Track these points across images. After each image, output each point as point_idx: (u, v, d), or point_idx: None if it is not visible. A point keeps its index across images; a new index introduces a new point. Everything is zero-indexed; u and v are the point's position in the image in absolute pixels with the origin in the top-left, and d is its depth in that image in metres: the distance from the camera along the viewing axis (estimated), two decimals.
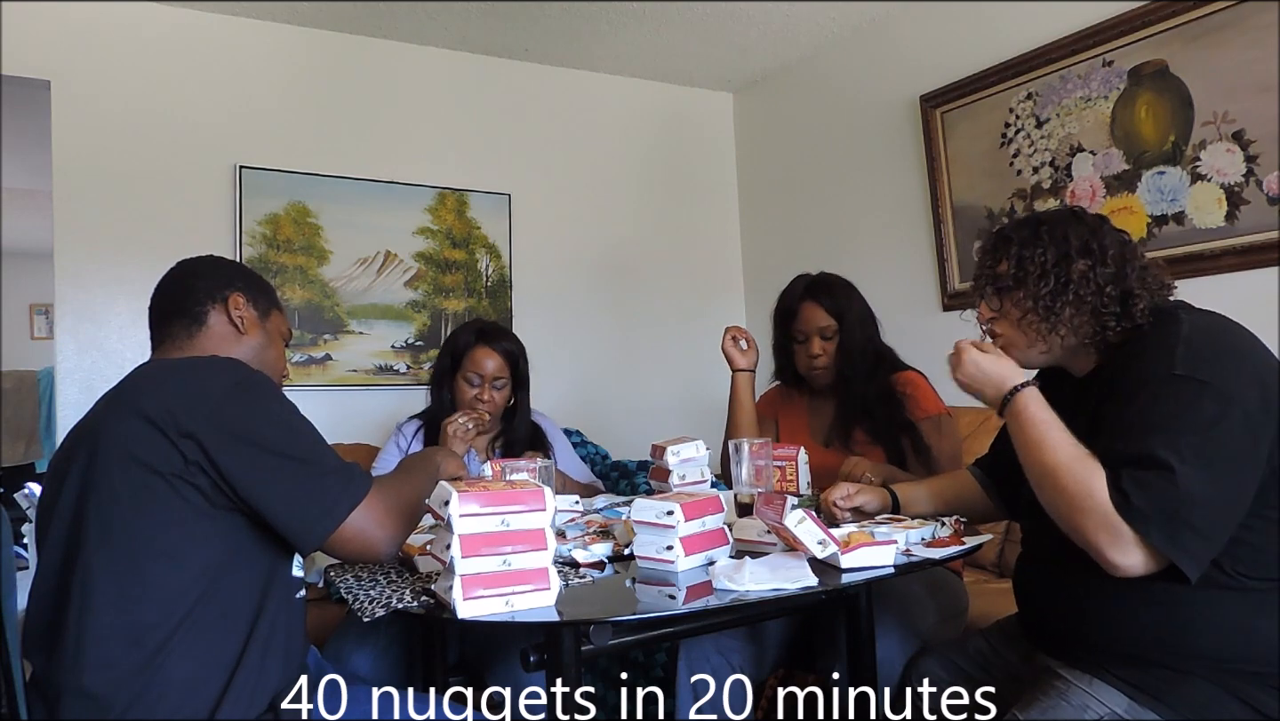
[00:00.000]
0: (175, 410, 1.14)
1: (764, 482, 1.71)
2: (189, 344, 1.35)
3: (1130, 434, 1.15)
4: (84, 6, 2.94)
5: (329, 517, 1.17)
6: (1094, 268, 1.29)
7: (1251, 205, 2.33)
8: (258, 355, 1.39)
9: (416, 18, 3.24)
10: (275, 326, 1.45)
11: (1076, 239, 1.31)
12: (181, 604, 1.15)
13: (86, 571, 1.15)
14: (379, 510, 1.20)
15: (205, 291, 1.37)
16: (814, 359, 2.10)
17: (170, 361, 1.30)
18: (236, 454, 1.14)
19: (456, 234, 3.49)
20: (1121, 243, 1.33)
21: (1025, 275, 1.32)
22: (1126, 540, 1.12)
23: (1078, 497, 1.15)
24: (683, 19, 3.33)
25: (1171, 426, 1.13)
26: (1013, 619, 1.53)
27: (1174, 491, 1.09)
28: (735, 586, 1.26)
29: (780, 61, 3.79)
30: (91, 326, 2.91)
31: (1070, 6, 2.72)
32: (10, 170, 4.71)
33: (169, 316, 1.37)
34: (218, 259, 1.47)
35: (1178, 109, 2.48)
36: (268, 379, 1.26)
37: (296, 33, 3.26)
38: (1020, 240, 1.35)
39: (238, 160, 3.12)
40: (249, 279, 1.44)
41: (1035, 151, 2.86)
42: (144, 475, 1.14)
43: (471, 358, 2.21)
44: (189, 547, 1.16)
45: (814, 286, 2.15)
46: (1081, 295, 1.29)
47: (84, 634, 1.14)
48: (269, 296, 1.46)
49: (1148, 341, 1.25)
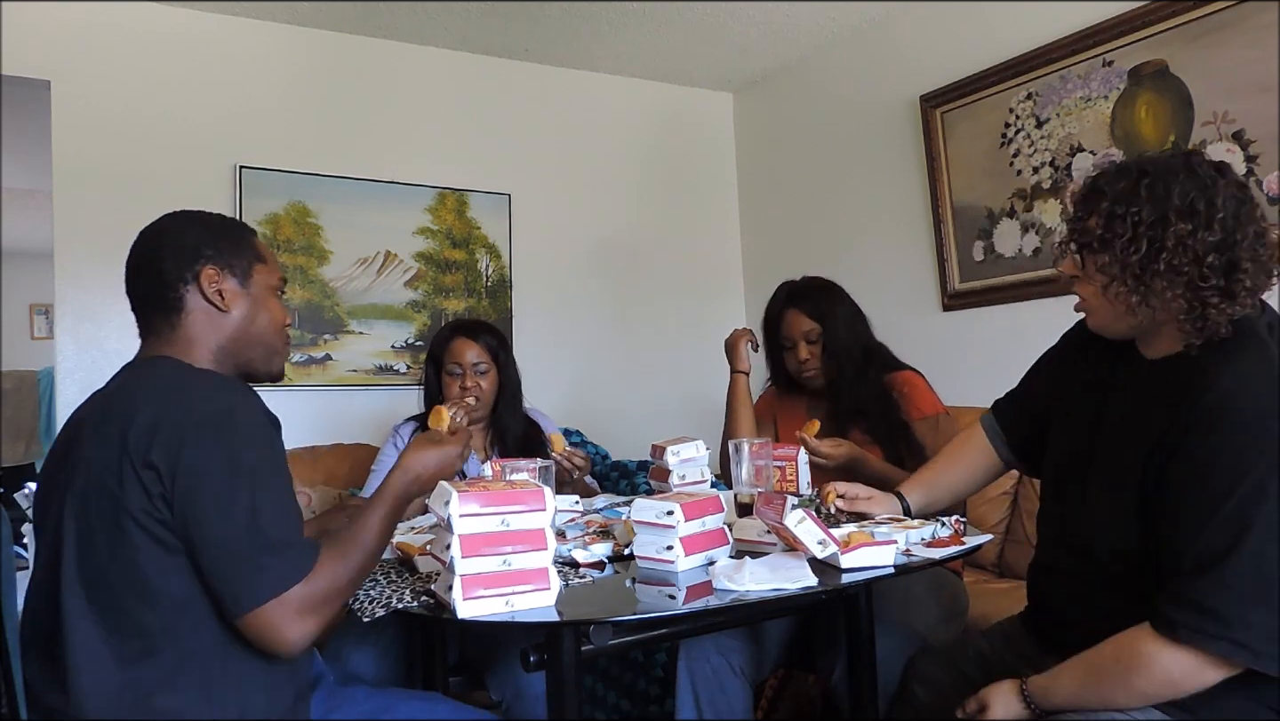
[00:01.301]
0: (147, 438, 1.11)
1: (764, 482, 1.70)
2: (174, 335, 1.27)
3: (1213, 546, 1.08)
4: (84, 6, 2.93)
5: (239, 602, 1.10)
6: (1195, 232, 1.12)
7: None
8: (246, 329, 1.31)
9: (416, 18, 3.24)
10: (262, 283, 1.33)
11: (1181, 197, 1.14)
12: (163, 639, 1.13)
13: (67, 601, 1.14)
14: (299, 604, 1.10)
15: (174, 273, 1.27)
16: (802, 364, 2.11)
17: (166, 372, 1.24)
18: (186, 492, 1.10)
19: (456, 234, 3.49)
20: (1239, 201, 1.15)
21: (1113, 236, 1.17)
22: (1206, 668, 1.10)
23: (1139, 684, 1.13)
24: (683, 19, 3.33)
25: (1275, 534, 1.05)
26: (1014, 620, 1.52)
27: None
28: (735, 586, 1.25)
29: (780, 61, 3.79)
30: (91, 326, 2.91)
31: (1070, 6, 2.72)
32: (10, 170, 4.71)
33: (146, 308, 1.29)
34: (180, 224, 1.33)
35: (1178, 109, 2.48)
36: (251, 414, 1.17)
37: (296, 33, 3.26)
38: (1115, 194, 1.18)
39: (238, 160, 3.12)
40: (219, 241, 1.31)
41: (1035, 151, 2.86)
42: (114, 510, 1.11)
43: (450, 351, 2.23)
44: (163, 586, 1.12)
45: (794, 293, 2.15)
46: (1177, 265, 1.13)
47: (68, 660, 1.12)
48: (245, 251, 1.33)
49: (1237, 387, 1.10)
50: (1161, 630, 1.11)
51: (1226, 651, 1.07)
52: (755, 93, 4.07)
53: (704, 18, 3.32)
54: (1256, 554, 1.05)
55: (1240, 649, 1.06)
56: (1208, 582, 1.07)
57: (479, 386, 2.21)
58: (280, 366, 1.39)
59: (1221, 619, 1.06)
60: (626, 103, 3.91)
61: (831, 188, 3.66)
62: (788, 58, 3.75)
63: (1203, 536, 1.08)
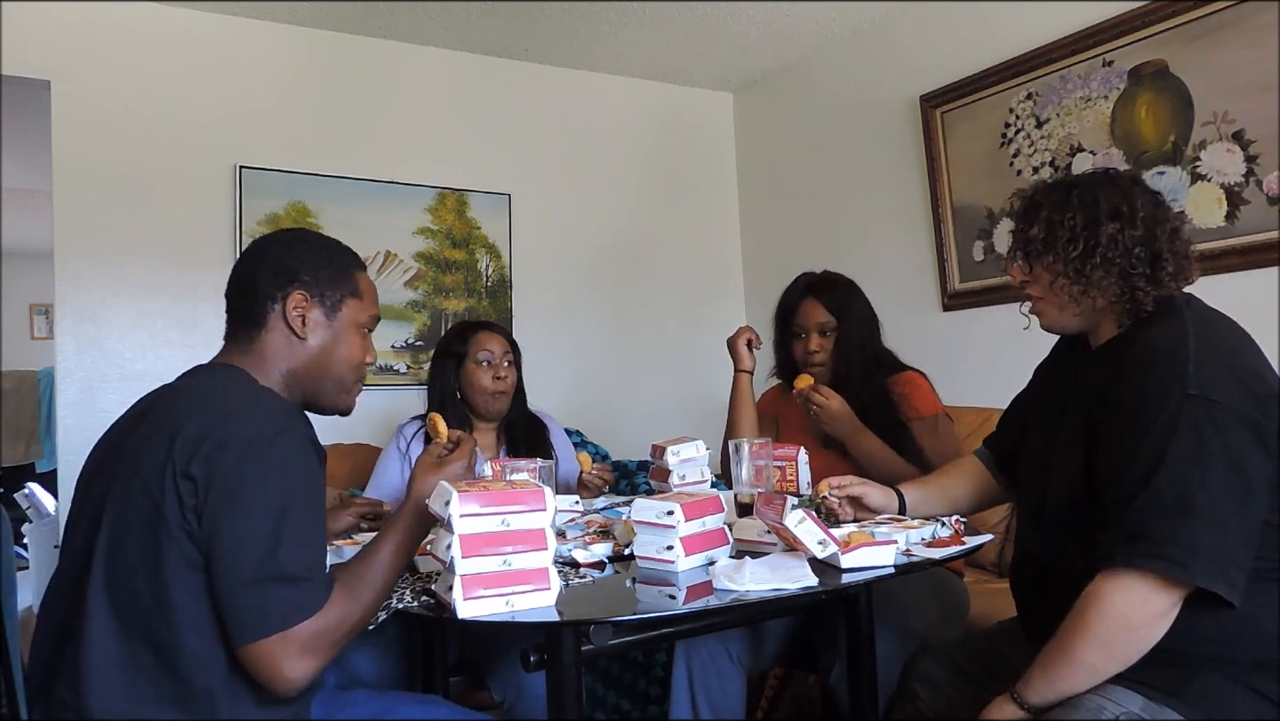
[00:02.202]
0: (191, 449, 1.10)
1: (764, 482, 1.71)
2: (249, 349, 1.28)
3: (1148, 475, 1.16)
4: (84, 6, 2.93)
5: (244, 631, 1.08)
6: (1123, 230, 1.30)
7: (1251, 205, 2.33)
8: (319, 360, 1.30)
9: (416, 18, 3.24)
10: (349, 318, 1.33)
11: (1107, 202, 1.32)
12: (186, 648, 1.11)
13: (92, 594, 1.13)
14: (303, 642, 1.08)
15: (265, 291, 1.27)
16: (811, 354, 2.10)
17: (218, 386, 1.24)
18: (214, 509, 1.09)
19: (456, 234, 3.49)
20: (1154, 204, 1.34)
21: (1054, 240, 1.34)
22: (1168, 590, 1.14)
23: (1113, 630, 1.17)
24: (683, 19, 3.33)
25: (1188, 458, 1.14)
26: (1014, 619, 1.53)
27: (1202, 529, 1.12)
28: (735, 586, 1.25)
29: (780, 61, 3.79)
30: (91, 326, 2.91)
31: (1070, 6, 2.72)
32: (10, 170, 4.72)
33: (235, 314, 1.30)
34: (291, 242, 1.34)
35: (1178, 109, 2.48)
36: (295, 441, 1.16)
37: (296, 33, 3.26)
38: (1050, 204, 1.36)
39: (238, 160, 3.12)
40: (318, 268, 1.30)
41: (1035, 151, 2.86)
42: (152, 513, 1.11)
43: (477, 342, 2.26)
44: (181, 598, 1.11)
45: (816, 283, 2.17)
46: (1110, 258, 1.30)
47: (84, 658, 1.12)
48: (342, 284, 1.32)
49: (1156, 343, 1.24)
50: (1103, 565, 1.17)
51: (1163, 568, 1.12)
52: (755, 93, 4.07)
53: (704, 18, 3.32)
54: (1174, 476, 1.14)
55: (1172, 564, 1.12)
56: (1134, 510, 1.16)
57: (510, 377, 2.26)
58: (348, 404, 1.37)
59: (1150, 538, 1.13)
60: (626, 103, 3.91)
61: (831, 188, 3.66)
62: (788, 58, 3.75)
63: (1128, 469, 1.18)
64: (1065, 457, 1.35)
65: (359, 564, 1.20)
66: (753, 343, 2.23)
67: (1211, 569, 1.11)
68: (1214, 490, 1.12)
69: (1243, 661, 1.18)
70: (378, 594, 1.19)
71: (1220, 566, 1.11)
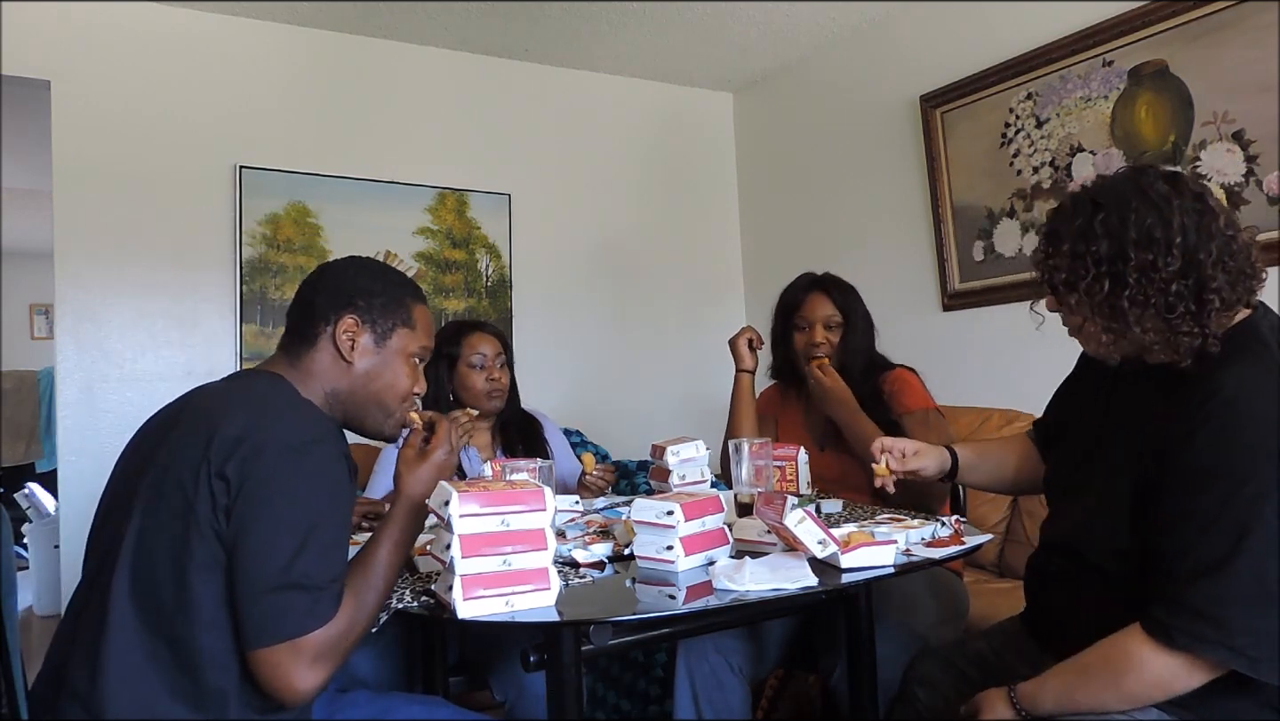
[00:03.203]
0: (228, 450, 1.11)
1: (764, 482, 1.71)
2: (297, 363, 1.31)
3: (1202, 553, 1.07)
4: (84, 6, 2.93)
5: (257, 636, 1.08)
6: (1155, 262, 1.12)
7: (1251, 205, 2.33)
8: (365, 384, 1.32)
9: (416, 18, 3.24)
10: (398, 347, 1.35)
11: (1136, 227, 1.13)
12: (202, 647, 1.12)
13: (116, 583, 1.13)
14: (314, 651, 1.09)
15: (320, 311, 1.31)
16: (815, 347, 2.10)
17: (260, 391, 1.25)
18: (242, 511, 1.10)
19: (456, 234, 3.49)
20: (1198, 214, 1.14)
21: (1078, 278, 1.17)
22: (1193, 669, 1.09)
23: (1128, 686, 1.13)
24: (683, 19, 3.33)
25: (1276, 540, 1.04)
26: (1014, 620, 1.52)
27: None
28: (735, 586, 1.25)
29: (780, 61, 3.79)
30: (91, 326, 2.91)
31: (1070, 6, 2.72)
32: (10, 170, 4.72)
33: (292, 328, 1.34)
34: (353, 267, 1.38)
35: (1178, 109, 2.48)
36: (330, 452, 1.17)
37: (296, 33, 3.26)
38: (1073, 234, 1.19)
39: (238, 160, 3.12)
40: (373, 295, 1.33)
41: (1035, 151, 2.86)
42: (183, 509, 1.11)
43: (469, 344, 2.25)
44: (203, 596, 1.11)
45: (823, 280, 2.18)
46: (1143, 299, 1.13)
47: (105, 647, 1.12)
48: (395, 314, 1.35)
49: (1240, 397, 1.09)
50: (1155, 634, 1.10)
51: (1224, 658, 1.07)
52: (755, 93, 4.07)
53: (704, 18, 3.32)
54: (1256, 561, 1.04)
55: (1238, 655, 1.06)
56: (1206, 587, 1.06)
57: (503, 379, 2.25)
58: (391, 431, 1.39)
59: (1220, 625, 1.06)
60: (626, 103, 3.91)
61: (831, 188, 3.66)
62: (788, 58, 3.75)
63: (1202, 541, 1.07)
64: (1110, 493, 1.24)
65: (359, 567, 1.21)
66: (754, 342, 2.23)
67: (1277, 660, 1.05)
68: None
69: (1271, 686, 1.12)
70: (380, 595, 1.19)
71: None
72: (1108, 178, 1.23)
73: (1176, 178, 1.18)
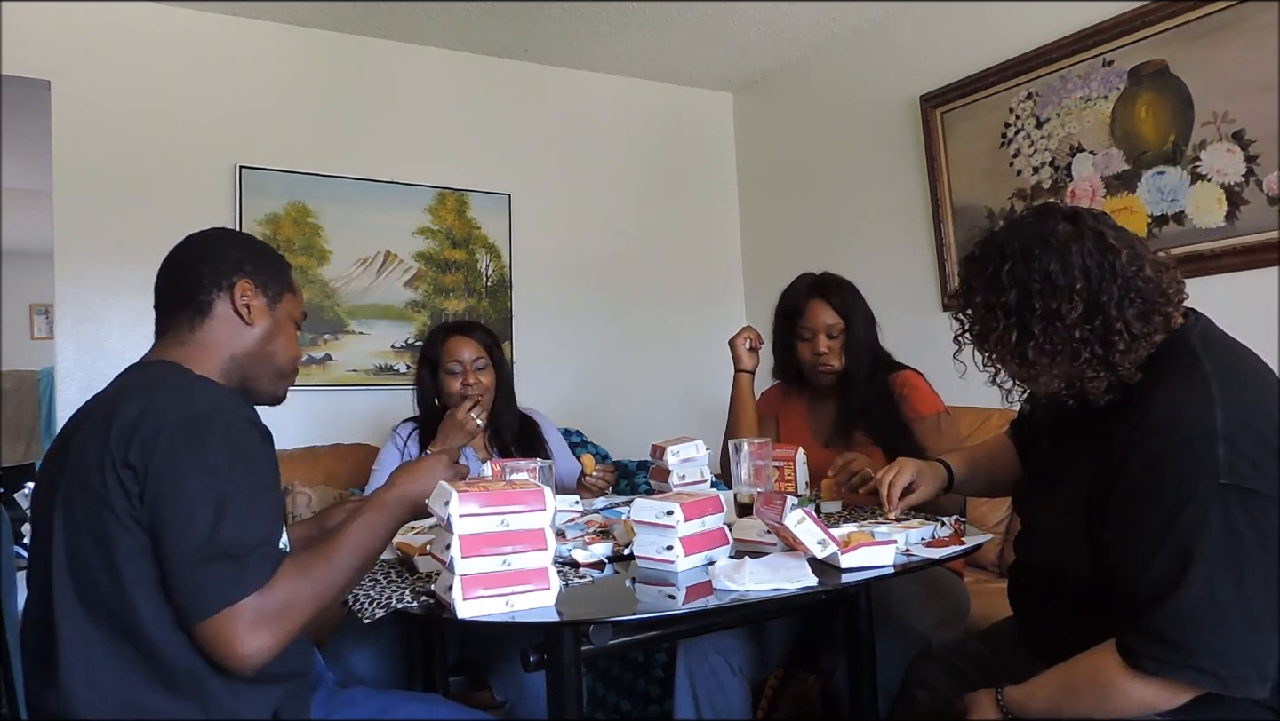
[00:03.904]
0: (126, 437, 1.11)
1: (763, 482, 1.71)
2: (191, 337, 1.30)
3: (1159, 577, 1.08)
4: (84, 6, 2.93)
5: (191, 611, 1.07)
6: (1058, 309, 1.14)
7: (1251, 205, 2.33)
8: (263, 345, 1.33)
9: (416, 18, 3.24)
10: (286, 311, 1.38)
11: (1039, 275, 1.15)
12: (156, 634, 1.11)
13: (58, 594, 1.13)
14: (253, 616, 1.07)
15: (211, 279, 1.30)
16: (820, 356, 2.10)
17: (161, 373, 1.25)
18: (155, 494, 1.10)
19: (456, 234, 3.49)
20: (1100, 252, 1.15)
21: (989, 331, 1.21)
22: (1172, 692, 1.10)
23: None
24: (683, 19, 3.33)
25: (1222, 558, 1.05)
26: (1011, 620, 1.52)
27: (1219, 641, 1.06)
28: (735, 586, 1.26)
29: (780, 61, 3.79)
30: (91, 326, 2.91)
31: (1070, 6, 2.72)
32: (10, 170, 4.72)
33: (174, 305, 1.32)
34: (227, 237, 1.39)
35: (1178, 109, 2.48)
36: (230, 425, 1.16)
37: (296, 33, 3.26)
38: (984, 286, 1.21)
39: (238, 160, 3.12)
40: (259, 260, 1.36)
41: (1035, 151, 2.86)
42: (97, 506, 1.11)
43: (445, 350, 2.25)
44: (148, 580, 1.11)
45: (821, 284, 2.16)
46: (1049, 348, 1.16)
47: (60, 657, 1.12)
48: (280, 279, 1.38)
49: (1176, 415, 1.10)
50: (1128, 659, 1.11)
51: (1193, 680, 1.08)
52: (755, 93, 4.07)
53: (704, 18, 3.32)
54: (1205, 580, 1.05)
55: (1205, 675, 1.07)
56: (1163, 613, 1.08)
57: (480, 383, 2.23)
58: (283, 392, 1.40)
59: (1182, 649, 1.07)
60: (626, 103, 3.91)
61: (831, 188, 3.66)
62: (788, 58, 3.75)
63: (1152, 566, 1.09)
64: (1066, 518, 1.26)
65: (319, 540, 1.21)
66: (753, 343, 2.23)
67: (1247, 675, 1.06)
68: (1249, 588, 1.05)
69: None
70: (336, 569, 1.16)
71: (1256, 667, 1.06)
72: (1015, 221, 1.25)
73: (1077, 217, 1.19)
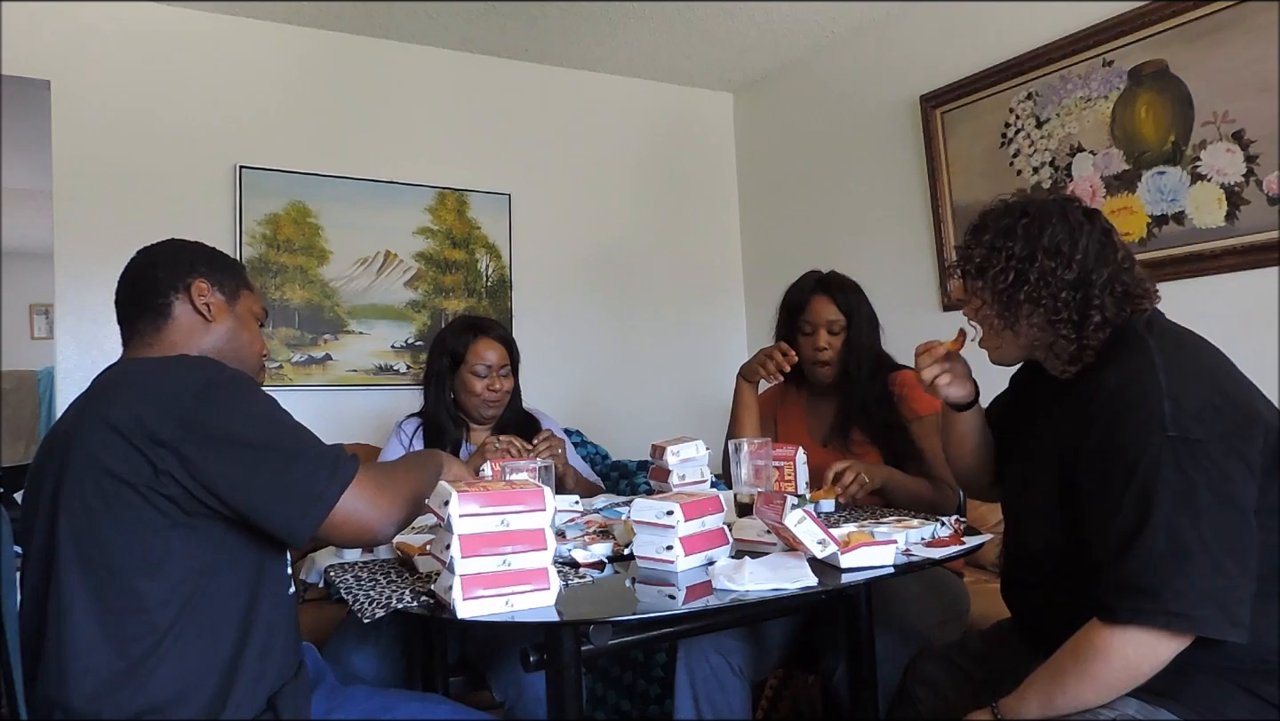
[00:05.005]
0: (145, 418, 1.11)
1: (763, 482, 1.71)
2: (157, 339, 1.31)
3: (1130, 532, 1.13)
4: (84, 6, 2.94)
5: (319, 503, 1.14)
6: (1056, 270, 1.27)
7: (1251, 205, 2.33)
8: (229, 341, 1.36)
9: (417, 18, 3.24)
10: (246, 308, 1.41)
11: (1050, 237, 1.29)
12: (164, 614, 1.13)
13: (64, 585, 1.13)
14: (370, 489, 1.18)
15: (166, 282, 1.33)
16: (819, 351, 2.10)
17: (139, 364, 1.26)
18: (215, 455, 1.12)
19: (456, 234, 3.49)
20: (1101, 244, 1.29)
21: (989, 266, 1.32)
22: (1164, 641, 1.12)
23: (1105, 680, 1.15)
24: (683, 19, 3.33)
25: (1177, 503, 1.11)
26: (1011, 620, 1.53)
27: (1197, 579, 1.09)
28: (735, 586, 1.25)
29: (780, 61, 3.79)
30: (91, 326, 2.91)
31: (1070, 6, 2.72)
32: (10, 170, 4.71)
33: (134, 313, 1.33)
34: (177, 244, 1.41)
35: (1178, 109, 2.48)
36: (239, 374, 1.22)
37: (296, 33, 3.26)
38: (997, 229, 1.34)
39: (238, 160, 3.12)
40: (212, 262, 1.39)
41: (1035, 151, 2.86)
42: (115, 486, 1.11)
43: (474, 351, 2.25)
44: (166, 558, 1.13)
45: (826, 281, 2.17)
46: (1036, 297, 1.28)
47: (64, 648, 1.12)
48: (236, 277, 1.41)
49: (1125, 383, 1.20)
50: (1104, 617, 1.14)
51: (1166, 623, 1.10)
52: (755, 93, 4.07)
53: (704, 18, 3.32)
54: (1166, 526, 1.11)
55: (1176, 617, 1.09)
56: (1130, 563, 1.13)
57: (502, 388, 2.26)
58: None
59: (1150, 593, 1.10)
60: (626, 103, 3.91)
61: (831, 188, 3.66)
62: (788, 58, 3.75)
63: (1116, 521, 1.15)
64: (1043, 500, 1.32)
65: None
66: (781, 367, 2.08)
67: (1217, 615, 1.08)
68: (1207, 532, 1.09)
69: (1240, 666, 1.16)
70: (411, 477, 1.29)
71: (1225, 609, 1.09)
72: (1039, 197, 1.39)
73: (1094, 213, 1.34)
